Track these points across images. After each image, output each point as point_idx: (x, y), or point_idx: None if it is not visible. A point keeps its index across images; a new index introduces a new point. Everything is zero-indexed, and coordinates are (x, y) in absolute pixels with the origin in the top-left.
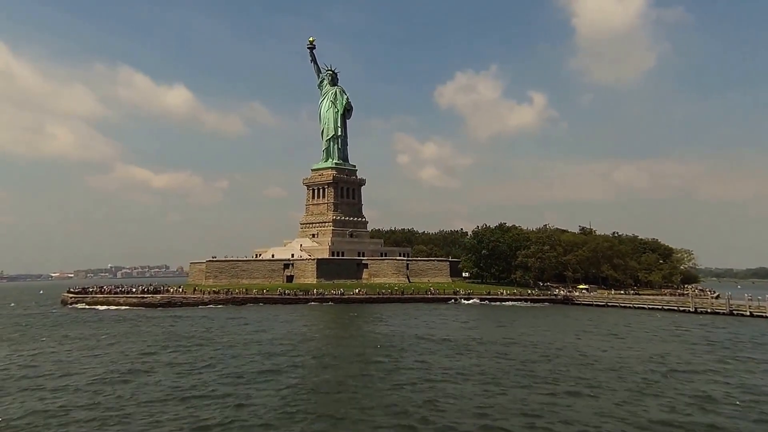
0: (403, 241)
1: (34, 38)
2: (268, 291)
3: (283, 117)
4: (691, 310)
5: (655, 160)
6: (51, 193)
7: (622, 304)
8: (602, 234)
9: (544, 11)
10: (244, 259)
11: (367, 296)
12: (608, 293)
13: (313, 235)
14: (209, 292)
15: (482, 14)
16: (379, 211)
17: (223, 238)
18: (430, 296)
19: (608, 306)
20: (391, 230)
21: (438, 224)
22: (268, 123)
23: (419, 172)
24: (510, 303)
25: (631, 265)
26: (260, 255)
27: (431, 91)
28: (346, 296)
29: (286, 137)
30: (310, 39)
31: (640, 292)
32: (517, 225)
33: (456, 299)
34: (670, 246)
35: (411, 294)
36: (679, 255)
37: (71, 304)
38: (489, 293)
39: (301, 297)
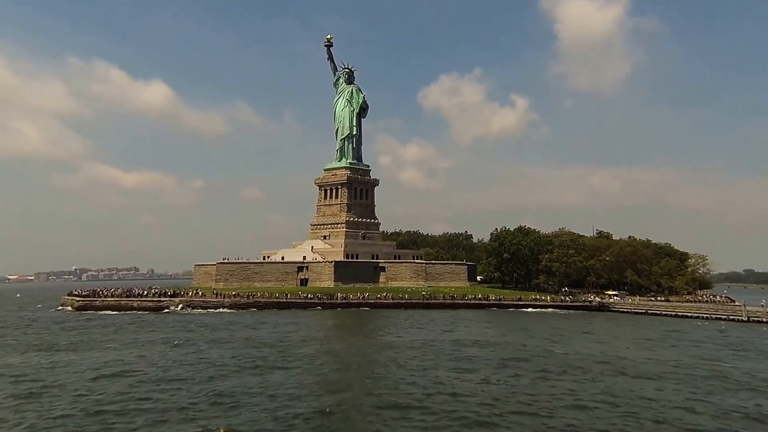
0: (409, 244)
1: (4, 34)
2: (290, 295)
3: (266, 118)
4: (744, 319)
5: (628, 166)
6: (11, 192)
7: (664, 312)
8: (619, 239)
9: (528, 16)
10: (256, 261)
11: (396, 301)
12: (637, 299)
13: (325, 237)
14: (230, 296)
15: (466, 18)
16: None
17: (199, 240)
18: (465, 302)
19: (648, 314)
20: (396, 232)
21: (417, 226)
22: (251, 123)
23: (400, 174)
24: (546, 310)
25: (653, 270)
26: (269, 257)
27: (416, 93)
28: (373, 301)
29: (269, 138)
30: (328, 37)
31: (670, 299)
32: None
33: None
34: (685, 251)
35: (442, 299)
36: (694, 260)
37: (79, 308)
38: (520, 299)
39: (326, 302)
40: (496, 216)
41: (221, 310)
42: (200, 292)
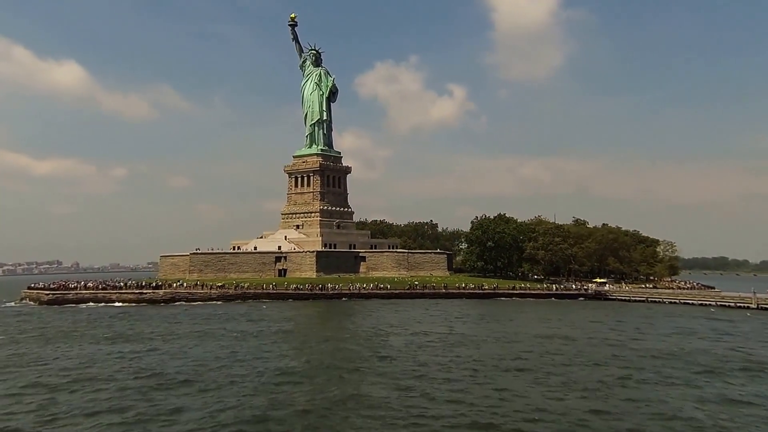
0: (377, 233)
1: None
2: (277, 285)
3: (194, 102)
4: (753, 306)
5: (556, 157)
6: None
7: (666, 300)
8: (594, 226)
9: (464, 4)
10: (232, 251)
11: (389, 291)
12: (627, 286)
13: (298, 226)
14: (216, 287)
15: (398, 3)
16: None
17: (125, 230)
18: (461, 291)
19: (649, 301)
20: (362, 222)
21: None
22: (178, 107)
23: None
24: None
25: (634, 257)
26: (239, 248)
27: (351, 80)
28: (367, 291)
29: (197, 123)
30: (292, 15)
31: (657, 286)
32: (432, 219)
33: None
34: (656, 238)
35: (435, 289)
36: (663, 247)
37: (49, 302)
38: (514, 288)
39: (318, 293)
40: (432, 205)
41: (210, 303)
42: (184, 284)
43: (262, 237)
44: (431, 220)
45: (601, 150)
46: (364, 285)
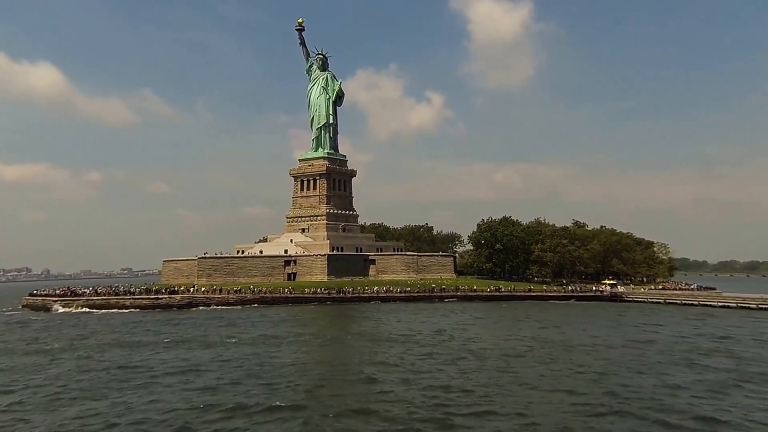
0: (376, 236)
1: None
2: (294, 289)
3: (176, 107)
4: None
5: (528, 163)
6: None
7: (684, 302)
8: (593, 228)
9: (442, 15)
10: (241, 256)
11: (407, 294)
12: (632, 287)
13: (304, 230)
14: (233, 292)
15: (379, 14)
16: (271, 209)
17: (98, 237)
18: (478, 294)
19: (667, 303)
20: (360, 225)
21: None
22: (159, 113)
23: None
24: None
25: (637, 258)
26: (243, 251)
27: None
28: (384, 294)
29: (178, 129)
30: (299, 20)
31: (665, 287)
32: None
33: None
34: (650, 240)
35: (457, 291)
36: (657, 248)
37: (54, 308)
38: (530, 290)
39: (336, 296)
40: (410, 208)
41: (227, 307)
42: (202, 289)
43: (265, 240)
44: (426, 223)
45: (571, 157)
46: (390, 287)
